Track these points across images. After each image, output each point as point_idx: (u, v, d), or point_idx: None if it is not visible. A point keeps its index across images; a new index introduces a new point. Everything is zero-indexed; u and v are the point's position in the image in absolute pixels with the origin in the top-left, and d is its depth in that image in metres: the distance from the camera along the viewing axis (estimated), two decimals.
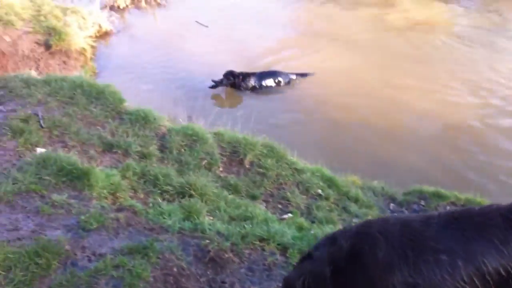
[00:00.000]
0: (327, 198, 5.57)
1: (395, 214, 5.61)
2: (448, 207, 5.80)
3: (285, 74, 9.89)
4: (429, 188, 6.08)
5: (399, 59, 10.66)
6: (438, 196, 5.95)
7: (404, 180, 6.59)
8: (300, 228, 4.46)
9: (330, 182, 5.86)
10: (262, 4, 13.96)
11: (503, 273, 2.23)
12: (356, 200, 5.68)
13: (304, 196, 5.55)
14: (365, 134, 8.03)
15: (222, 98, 9.56)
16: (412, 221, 2.41)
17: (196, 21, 12.50)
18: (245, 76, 9.67)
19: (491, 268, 2.22)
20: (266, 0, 14.30)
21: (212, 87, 9.52)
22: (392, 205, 5.93)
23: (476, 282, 2.22)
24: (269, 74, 9.86)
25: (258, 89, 9.68)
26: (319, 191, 5.65)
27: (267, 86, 9.73)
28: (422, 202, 5.91)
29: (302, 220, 4.73)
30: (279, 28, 12.57)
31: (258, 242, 3.96)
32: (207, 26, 12.29)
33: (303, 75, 10.03)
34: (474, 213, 2.42)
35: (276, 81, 9.78)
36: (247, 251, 3.83)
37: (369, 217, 5.34)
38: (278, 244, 3.96)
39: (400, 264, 2.25)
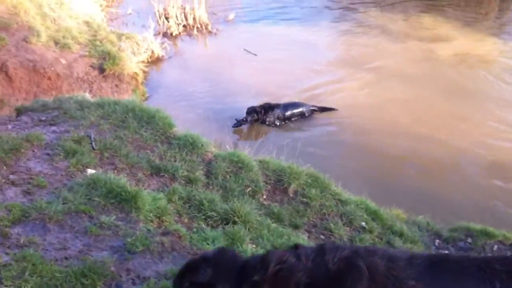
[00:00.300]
0: (371, 231, 5.50)
1: (440, 250, 5.49)
2: (495, 246, 5.65)
3: (307, 106, 9.86)
4: (476, 226, 5.93)
5: (445, 93, 10.51)
6: (486, 234, 5.79)
7: (450, 217, 6.46)
8: None
9: (374, 215, 5.79)
10: (310, 34, 14.05)
11: None
12: (400, 235, 5.58)
13: (348, 228, 5.49)
14: (410, 168, 7.95)
15: (267, 127, 9.62)
16: (398, 258, 2.44)
17: (245, 49, 12.71)
18: (267, 109, 9.55)
19: None
20: (314, 30, 14.39)
21: (236, 126, 9.42)
22: (437, 241, 5.80)
23: None
24: (292, 106, 9.81)
25: (282, 122, 9.63)
26: (363, 223, 5.59)
27: (291, 118, 9.70)
28: (469, 240, 5.76)
29: None
30: (325, 58, 12.65)
31: None
32: (255, 55, 12.48)
33: (326, 109, 9.95)
34: (452, 260, 2.47)
35: (300, 112, 9.75)
36: None
37: None
38: None
39: None
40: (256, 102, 9.75)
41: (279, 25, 14.73)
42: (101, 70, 10.34)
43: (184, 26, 14.38)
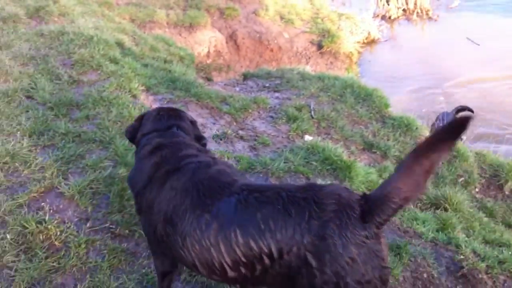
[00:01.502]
0: None
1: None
2: None
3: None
4: None
5: None
6: None
7: None
8: None
9: None
10: None
11: (252, 250, 2.16)
12: None
13: None
14: None
15: (486, 117, 8.95)
16: (223, 174, 2.48)
17: (467, 38, 12.01)
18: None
19: (241, 240, 2.18)
20: None
21: None
22: None
23: (222, 248, 2.22)
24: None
25: None
26: None
27: None
28: None
29: None
30: None
31: None
32: (478, 44, 11.72)
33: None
34: (255, 188, 2.35)
35: None
36: (502, 277, 3.62)
37: None
38: None
39: (184, 205, 2.36)
40: (475, 91, 9.20)
41: (509, 14, 13.54)
42: (319, 46, 10.69)
43: (404, 10, 14.04)
